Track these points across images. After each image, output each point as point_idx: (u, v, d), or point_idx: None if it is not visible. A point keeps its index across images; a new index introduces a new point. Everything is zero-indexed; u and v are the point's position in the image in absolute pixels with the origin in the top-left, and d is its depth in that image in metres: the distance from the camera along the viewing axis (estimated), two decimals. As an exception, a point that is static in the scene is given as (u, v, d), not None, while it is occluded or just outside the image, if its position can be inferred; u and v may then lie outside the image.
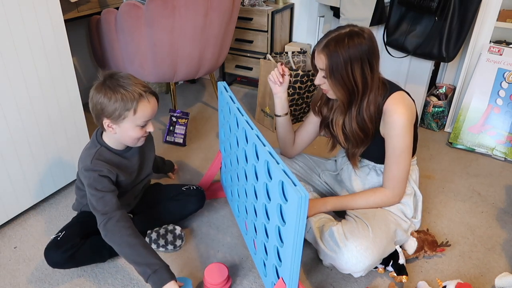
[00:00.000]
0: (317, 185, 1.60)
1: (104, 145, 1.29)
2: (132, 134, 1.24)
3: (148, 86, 1.24)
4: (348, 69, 1.18)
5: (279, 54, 2.44)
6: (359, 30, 1.19)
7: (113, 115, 1.18)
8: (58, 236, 1.29)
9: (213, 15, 1.99)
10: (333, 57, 1.18)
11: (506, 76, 2.05)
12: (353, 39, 1.17)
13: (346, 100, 1.25)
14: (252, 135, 1.13)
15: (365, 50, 1.17)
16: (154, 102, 1.26)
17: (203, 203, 1.55)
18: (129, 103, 1.17)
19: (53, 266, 1.29)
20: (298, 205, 0.87)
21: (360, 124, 1.28)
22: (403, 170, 1.28)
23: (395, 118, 1.21)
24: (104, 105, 1.18)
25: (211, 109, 2.61)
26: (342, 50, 1.16)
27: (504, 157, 2.04)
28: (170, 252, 1.44)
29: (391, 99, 1.23)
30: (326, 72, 1.22)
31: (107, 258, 1.39)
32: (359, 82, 1.21)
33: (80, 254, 1.29)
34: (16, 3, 1.34)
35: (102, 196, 1.22)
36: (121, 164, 1.31)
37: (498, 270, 1.38)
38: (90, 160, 1.24)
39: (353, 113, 1.27)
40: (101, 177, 1.24)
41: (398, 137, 1.23)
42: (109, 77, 1.20)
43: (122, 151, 1.33)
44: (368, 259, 1.18)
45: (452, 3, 1.91)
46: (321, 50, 1.20)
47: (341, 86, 1.22)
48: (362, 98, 1.24)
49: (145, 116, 1.22)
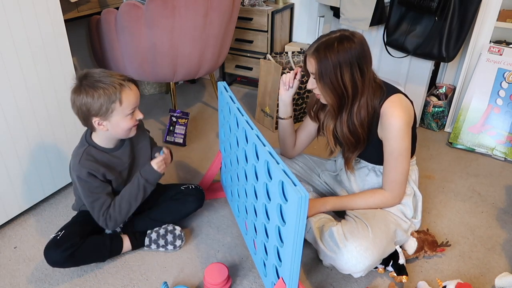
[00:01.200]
0: (317, 185, 1.60)
1: (92, 144, 1.30)
2: (123, 125, 1.24)
3: (125, 75, 1.23)
4: (337, 73, 1.18)
5: (279, 54, 2.44)
6: (350, 35, 1.19)
7: (101, 111, 1.18)
8: (57, 235, 1.30)
9: (213, 15, 1.99)
10: (322, 61, 1.18)
11: (506, 76, 2.05)
12: (343, 44, 1.16)
13: (336, 104, 1.25)
14: (252, 135, 1.13)
15: (354, 55, 1.17)
16: (135, 89, 1.25)
17: (203, 202, 1.55)
18: (113, 95, 1.17)
19: (53, 265, 1.29)
20: (298, 205, 0.87)
21: (350, 128, 1.28)
22: (402, 173, 1.28)
23: (392, 121, 1.21)
24: (89, 104, 1.17)
25: (211, 109, 2.61)
26: (331, 55, 1.16)
27: (504, 157, 2.04)
28: (170, 252, 1.44)
29: (388, 102, 1.23)
30: (315, 76, 1.22)
31: (107, 258, 1.39)
32: (348, 87, 1.20)
33: (80, 253, 1.29)
34: (16, 3, 1.34)
35: (97, 198, 1.28)
36: (110, 162, 1.32)
37: (498, 270, 1.38)
38: (78, 160, 1.26)
39: (343, 118, 1.27)
40: (90, 175, 1.26)
41: (396, 140, 1.23)
42: (84, 77, 1.20)
43: (111, 149, 1.33)
44: (368, 260, 1.18)
45: (452, 3, 1.91)
46: (311, 54, 1.20)
47: (331, 90, 1.21)
48: (352, 102, 1.24)
49: (131, 103, 1.22)
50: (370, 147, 1.33)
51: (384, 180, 1.32)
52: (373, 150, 1.33)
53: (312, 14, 2.71)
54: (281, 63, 2.43)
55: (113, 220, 1.32)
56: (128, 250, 1.43)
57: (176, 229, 1.46)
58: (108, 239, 1.37)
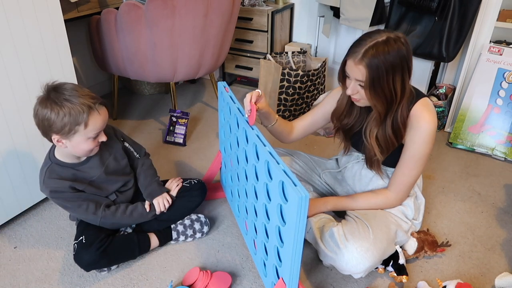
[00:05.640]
0: (317, 185, 1.60)
1: (55, 162, 1.26)
2: (84, 147, 1.20)
3: (97, 97, 1.18)
4: (389, 79, 1.12)
5: (279, 54, 2.44)
6: (395, 36, 1.12)
7: (63, 130, 1.13)
8: (81, 239, 1.28)
9: (213, 15, 1.99)
10: (373, 67, 1.10)
11: (506, 76, 2.05)
12: (393, 47, 1.10)
13: (384, 110, 1.19)
14: (253, 135, 1.13)
15: (404, 56, 1.11)
16: (105, 113, 1.20)
17: (206, 194, 1.55)
18: (79, 117, 1.12)
19: (87, 267, 1.28)
20: (298, 205, 0.87)
21: (395, 132, 1.23)
22: (415, 176, 1.27)
23: (423, 124, 1.19)
24: (51, 121, 1.12)
25: (211, 109, 2.61)
26: (383, 60, 1.09)
27: (504, 157, 2.04)
28: (171, 252, 1.44)
29: (419, 105, 1.21)
30: (365, 84, 1.14)
31: (137, 255, 1.38)
32: (398, 91, 1.15)
33: (112, 250, 1.29)
34: (16, 3, 1.34)
35: (78, 205, 1.27)
36: (75, 176, 1.28)
37: (498, 270, 1.38)
38: (42, 180, 1.24)
39: (388, 122, 1.22)
40: (58, 192, 1.24)
41: (422, 143, 1.21)
42: (53, 90, 1.14)
43: (76, 164, 1.28)
44: (368, 261, 1.18)
45: (452, 3, 1.91)
46: (359, 61, 1.11)
47: (380, 97, 1.16)
48: (398, 106, 1.20)
49: (97, 128, 1.18)
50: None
51: (392, 180, 1.32)
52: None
53: (312, 14, 2.71)
54: (281, 63, 2.43)
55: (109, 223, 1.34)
56: (156, 246, 1.43)
57: (200, 217, 1.49)
58: (135, 235, 1.38)
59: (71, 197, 1.26)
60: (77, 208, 1.27)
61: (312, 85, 2.29)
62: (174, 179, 1.52)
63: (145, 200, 1.42)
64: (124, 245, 1.34)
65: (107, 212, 1.31)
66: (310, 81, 2.24)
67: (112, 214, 1.32)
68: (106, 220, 1.32)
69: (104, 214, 1.31)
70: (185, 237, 1.47)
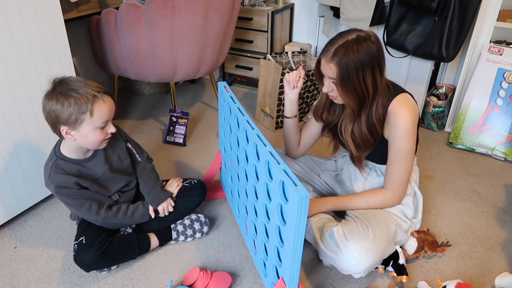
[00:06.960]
0: (317, 185, 1.60)
1: (60, 157, 1.26)
2: (92, 137, 1.20)
3: (102, 87, 1.20)
4: (359, 76, 1.16)
5: (279, 54, 2.44)
6: (366, 35, 1.16)
7: (69, 120, 1.14)
8: (81, 239, 1.28)
9: (213, 15, 1.99)
10: (343, 65, 1.14)
11: (506, 76, 2.05)
12: (362, 44, 1.14)
13: (357, 107, 1.23)
14: (253, 135, 1.13)
15: (374, 54, 1.15)
16: (110, 102, 1.21)
17: (206, 194, 1.55)
18: (84, 106, 1.13)
19: (87, 268, 1.28)
20: (298, 205, 0.87)
21: (369, 128, 1.26)
22: (405, 172, 1.28)
23: (400, 120, 1.20)
24: (58, 112, 1.13)
25: (211, 109, 2.61)
26: (352, 57, 1.13)
27: (504, 157, 2.04)
28: (171, 252, 1.44)
29: (395, 101, 1.22)
30: (336, 81, 1.18)
31: (137, 255, 1.39)
32: (370, 88, 1.19)
33: (112, 250, 1.29)
34: (16, 3, 1.34)
35: (82, 204, 1.27)
36: (80, 172, 1.28)
37: (498, 270, 1.38)
38: (48, 175, 1.24)
39: (362, 119, 1.25)
40: (62, 188, 1.24)
41: (402, 139, 1.22)
42: (59, 83, 1.16)
43: (81, 160, 1.29)
44: (368, 260, 1.18)
45: (452, 3, 1.91)
46: (330, 59, 1.16)
47: (352, 94, 1.19)
48: (371, 103, 1.23)
49: (103, 116, 1.18)
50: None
51: (386, 180, 1.32)
52: (377, 149, 1.32)
53: (312, 14, 2.71)
54: (281, 63, 2.43)
55: (110, 223, 1.35)
56: (156, 246, 1.43)
57: (200, 217, 1.49)
58: (135, 236, 1.38)
59: (76, 193, 1.26)
60: (80, 206, 1.27)
61: (312, 85, 2.29)
62: (174, 179, 1.52)
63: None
64: (124, 245, 1.34)
65: (109, 213, 1.31)
66: (310, 81, 2.25)
67: (114, 215, 1.32)
68: (108, 220, 1.32)
69: (106, 215, 1.30)
70: (185, 237, 1.47)
